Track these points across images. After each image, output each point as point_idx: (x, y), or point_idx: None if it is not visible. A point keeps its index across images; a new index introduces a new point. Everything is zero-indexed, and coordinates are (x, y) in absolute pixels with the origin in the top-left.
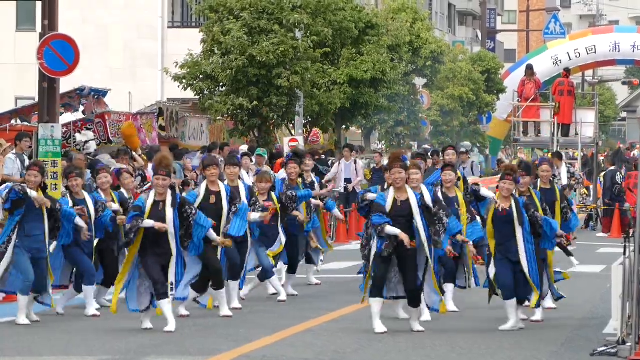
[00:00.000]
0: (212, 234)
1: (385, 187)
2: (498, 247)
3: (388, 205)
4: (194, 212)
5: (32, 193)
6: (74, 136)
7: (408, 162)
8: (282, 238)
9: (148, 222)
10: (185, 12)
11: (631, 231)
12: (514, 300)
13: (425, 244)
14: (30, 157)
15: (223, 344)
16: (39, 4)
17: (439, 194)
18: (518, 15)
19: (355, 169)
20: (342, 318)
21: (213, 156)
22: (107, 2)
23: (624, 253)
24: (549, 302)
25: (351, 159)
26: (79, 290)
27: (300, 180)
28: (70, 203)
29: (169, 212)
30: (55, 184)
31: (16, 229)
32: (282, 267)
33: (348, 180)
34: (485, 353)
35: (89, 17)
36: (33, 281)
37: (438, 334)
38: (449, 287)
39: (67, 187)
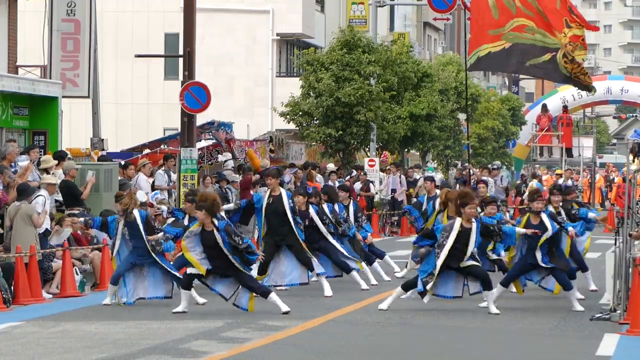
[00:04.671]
0: None
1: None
2: None
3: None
4: None
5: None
6: (216, 156)
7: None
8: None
9: None
10: (289, 65)
11: (620, 229)
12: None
13: None
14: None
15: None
16: (181, 60)
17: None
18: None
19: (400, 182)
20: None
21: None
22: (232, 59)
23: (615, 244)
24: None
25: (397, 173)
26: None
27: None
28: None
29: None
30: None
31: None
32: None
33: (394, 190)
34: (507, 321)
35: (218, 70)
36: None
37: (460, 314)
38: None
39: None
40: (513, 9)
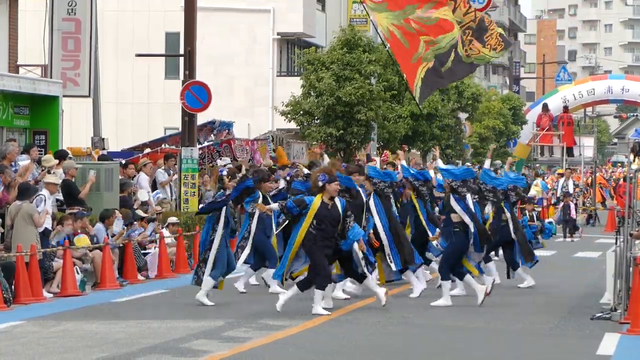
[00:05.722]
0: None
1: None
2: None
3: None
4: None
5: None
6: (215, 160)
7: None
8: None
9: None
10: (289, 65)
11: (621, 228)
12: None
13: None
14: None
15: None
16: (181, 59)
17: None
18: (536, 67)
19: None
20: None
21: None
22: (233, 58)
23: (616, 243)
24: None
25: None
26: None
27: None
28: None
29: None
30: (194, 192)
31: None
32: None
33: None
34: (507, 321)
35: (219, 70)
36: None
37: (456, 313)
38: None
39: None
40: (414, 31)
